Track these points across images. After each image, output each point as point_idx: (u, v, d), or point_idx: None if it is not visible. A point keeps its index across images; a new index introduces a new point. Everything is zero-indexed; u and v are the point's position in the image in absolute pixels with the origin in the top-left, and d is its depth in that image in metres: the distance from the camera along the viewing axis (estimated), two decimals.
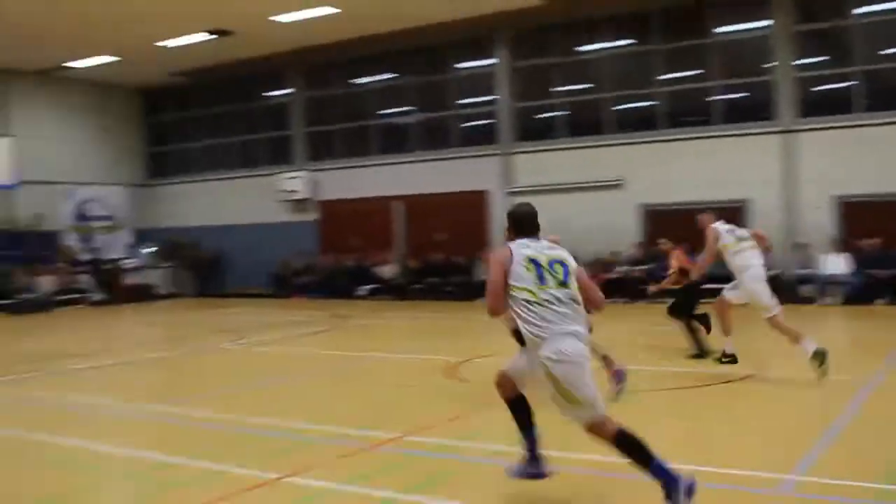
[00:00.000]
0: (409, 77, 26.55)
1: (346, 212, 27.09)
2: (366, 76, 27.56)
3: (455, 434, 8.09)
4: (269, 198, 28.40)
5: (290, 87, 28.91)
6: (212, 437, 8.33)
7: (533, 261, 5.59)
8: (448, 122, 25.99)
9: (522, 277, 5.52)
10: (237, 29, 23.52)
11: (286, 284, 27.06)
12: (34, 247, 27.28)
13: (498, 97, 24.75)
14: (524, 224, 5.90)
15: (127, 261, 29.42)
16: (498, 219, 24.23)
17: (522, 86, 24.54)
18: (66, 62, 27.08)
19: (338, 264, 26.44)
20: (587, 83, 23.91)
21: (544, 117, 24.41)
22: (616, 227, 22.29)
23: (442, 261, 24.45)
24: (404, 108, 26.93)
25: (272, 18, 22.39)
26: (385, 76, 27.25)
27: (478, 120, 25.73)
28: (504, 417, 6.21)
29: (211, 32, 23.88)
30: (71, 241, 29.09)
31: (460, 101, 25.78)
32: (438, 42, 25.21)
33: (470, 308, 20.92)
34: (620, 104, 23.23)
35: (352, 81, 27.94)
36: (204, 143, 31.24)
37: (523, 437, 6.02)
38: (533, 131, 24.58)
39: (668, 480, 5.22)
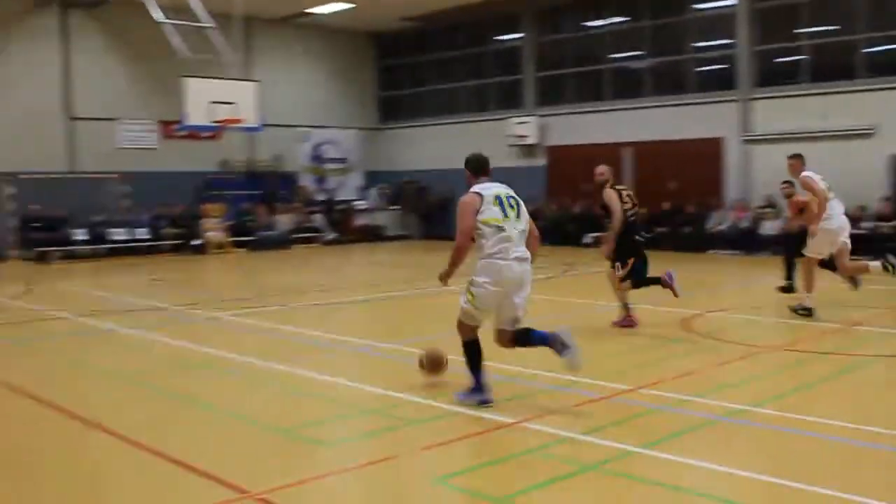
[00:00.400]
0: (642, 20, 25.72)
1: (574, 157, 26.72)
2: (598, 19, 26.93)
3: (691, 389, 7.78)
4: (499, 142, 28.41)
5: (522, 32, 28.71)
6: (439, 381, 8.38)
7: (497, 197, 7.17)
8: (683, 66, 25.02)
9: (492, 212, 7.06)
10: None
11: None
12: (274, 187, 28.69)
13: (736, 40, 23.56)
14: (482, 167, 7.57)
15: (358, 202, 30.42)
16: (733, 168, 23.24)
17: (763, 28, 23.23)
18: (306, 9, 28.05)
19: (565, 211, 26.21)
20: (835, 24, 22.32)
21: (786, 61, 23.02)
22: (863, 179, 20.78)
23: (672, 210, 23.69)
24: (637, 52, 26.16)
25: None
26: (618, 19, 26.52)
27: (714, 64, 24.61)
28: (741, 375, 5.89)
29: None
30: (307, 182, 30.33)
31: (696, 45, 24.72)
32: None
33: (701, 259, 20.28)
34: (874, 46, 21.55)
35: (584, 24, 27.40)
36: (435, 87, 31.64)
37: (474, 373, 7.26)
38: (773, 76, 23.26)
39: (550, 341, 7.12)
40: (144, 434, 6.54)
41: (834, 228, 11.33)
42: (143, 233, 24.40)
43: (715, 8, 24.30)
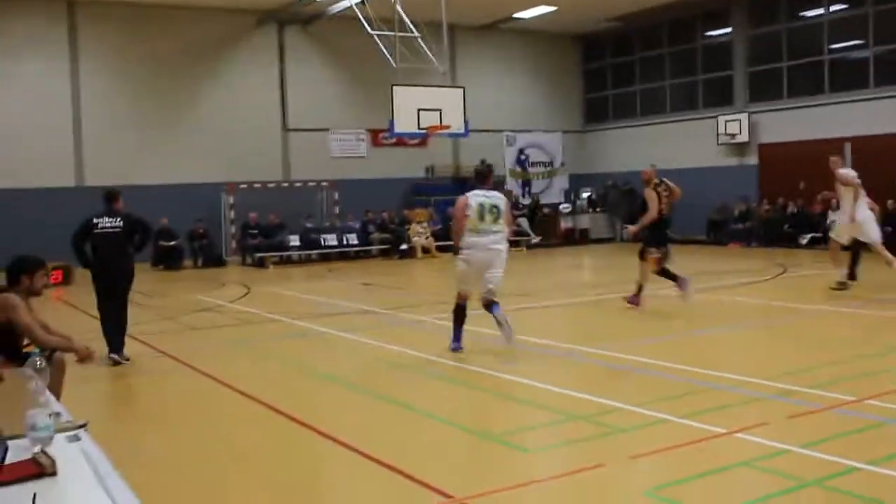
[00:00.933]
0: (864, 6, 24.16)
1: (788, 155, 25.50)
2: (815, 8, 25.53)
3: None
4: (708, 141, 27.54)
5: (731, 25, 27.68)
6: (652, 386, 8.09)
7: (480, 205, 9.63)
8: None
9: (472, 216, 9.60)
10: None
11: (723, 231, 26.18)
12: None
13: None
14: (482, 176, 10.06)
15: (563, 205, 30.18)
16: None
17: None
18: (508, 14, 28.16)
19: (778, 211, 25.01)
20: None
21: None
22: None
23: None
24: (859, 41, 24.61)
25: None
26: (837, 7, 25.05)
27: None
28: None
29: None
30: (512, 186, 30.37)
31: None
32: None
33: None
34: None
35: (800, 14, 26.06)
36: (641, 87, 31.02)
37: (454, 330, 10.02)
38: None
39: (496, 320, 9.65)
40: (356, 436, 6.60)
41: None
42: (352, 238, 25.12)
43: None
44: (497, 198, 9.77)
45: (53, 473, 2.96)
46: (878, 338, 10.39)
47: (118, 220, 10.59)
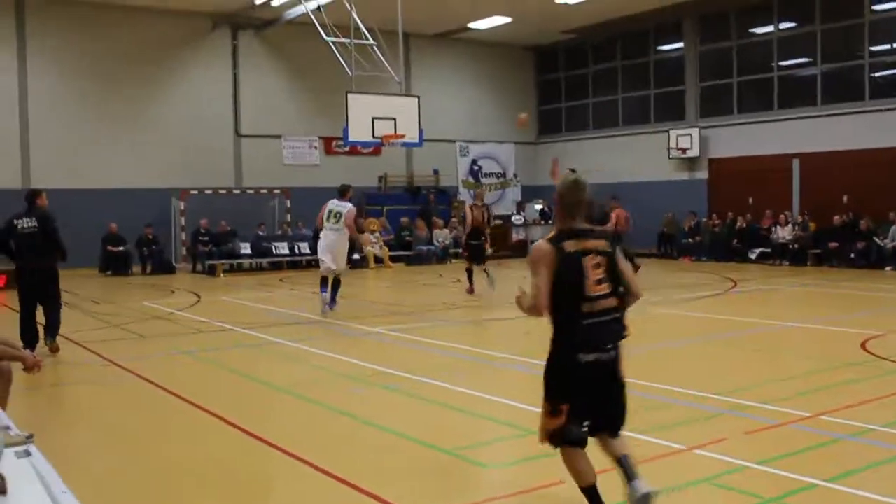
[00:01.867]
0: (812, 24, 24.54)
1: (738, 170, 25.84)
2: (764, 25, 25.90)
3: (879, 418, 7.17)
4: (660, 155, 27.79)
5: (683, 41, 27.98)
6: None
7: (329, 211, 14.28)
8: (858, 72, 23.74)
9: (324, 217, 14.36)
10: None
11: (674, 245, 26.41)
12: (431, 201, 28.80)
13: None
14: (341, 192, 14.50)
15: (515, 217, 30.23)
16: None
17: None
18: (464, 24, 28.19)
19: (728, 225, 25.29)
20: None
21: None
22: None
23: (844, 224, 22.46)
24: (807, 59, 24.99)
25: None
26: (786, 25, 25.44)
27: (893, 68, 23.27)
28: None
29: None
30: (464, 196, 30.35)
31: (874, 49, 23.40)
32: None
33: (875, 277, 19.18)
34: None
35: (750, 31, 26.39)
36: (594, 99, 31.22)
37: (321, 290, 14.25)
38: None
39: (327, 294, 14.37)
40: (306, 448, 6.50)
41: None
42: (304, 247, 24.88)
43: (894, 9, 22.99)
44: (341, 206, 14.29)
45: (3, 492, 2.83)
46: (831, 352, 10.48)
47: (34, 220, 10.88)
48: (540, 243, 4.88)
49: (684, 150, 27.22)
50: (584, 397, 4.79)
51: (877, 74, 23.49)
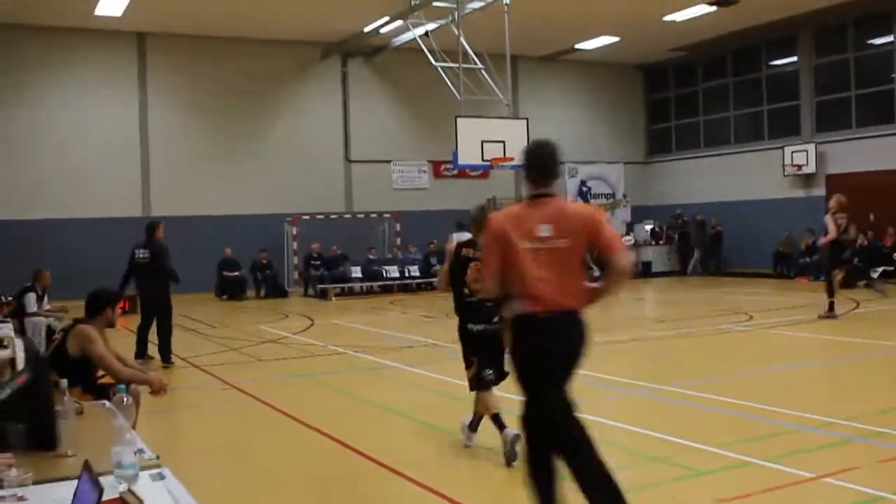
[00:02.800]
0: None
1: (857, 186, 24.94)
2: (882, 36, 25.06)
3: None
4: (774, 172, 27.13)
5: (797, 55, 27.29)
6: (731, 426, 7.85)
7: None
8: None
9: None
10: None
11: (790, 264, 25.68)
12: None
13: None
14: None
15: (626, 238, 29.83)
16: None
17: None
18: (571, 45, 28.12)
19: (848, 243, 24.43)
20: None
21: None
22: None
23: None
24: None
25: None
26: None
27: None
28: None
29: (714, 3, 23.24)
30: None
31: None
32: None
33: None
34: None
35: (868, 42, 25.59)
36: (705, 117, 30.69)
37: None
38: None
39: None
40: (426, 473, 6.49)
41: None
42: (414, 270, 25.07)
43: None
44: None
45: None
46: None
47: (148, 251, 12.51)
48: None
49: (800, 167, 26.50)
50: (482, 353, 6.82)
51: None
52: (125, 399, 4.03)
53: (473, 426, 7.21)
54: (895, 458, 6.53)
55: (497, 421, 6.74)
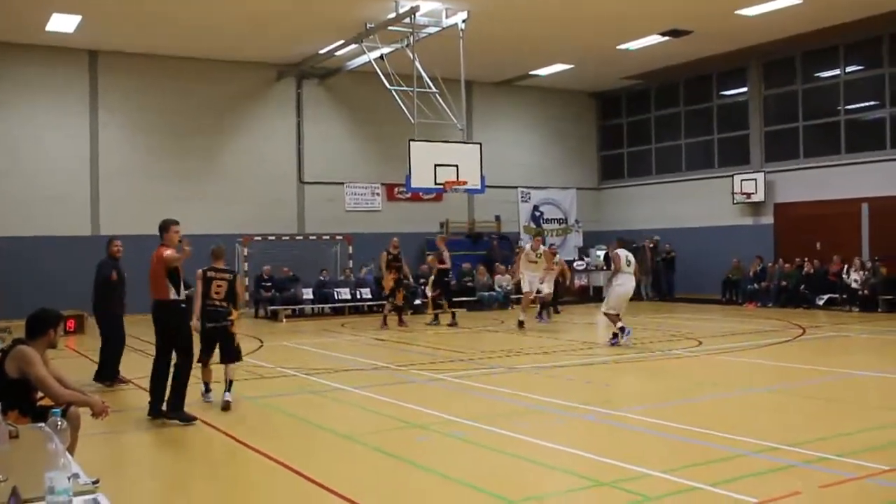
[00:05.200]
0: (880, 67, 24.19)
1: (804, 215, 25.45)
2: (831, 69, 25.60)
3: None
4: (723, 200, 27.53)
5: (748, 85, 27.76)
6: (678, 451, 7.90)
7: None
8: None
9: None
10: (698, 27, 22.95)
11: (738, 290, 26.00)
12: (493, 247, 28.77)
13: None
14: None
15: (577, 262, 30.03)
16: None
17: None
18: (526, 72, 28.37)
19: (794, 271, 24.82)
20: None
21: None
22: None
23: None
24: (875, 102, 24.63)
25: (739, 12, 21.52)
26: (853, 68, 25.12)
27: None
28: None
29: (667, 34, 23.59)
30: (526, 242, 30.26)
31: None
32: None
33: None
34: None
35: (816, 75, 26.12)
36: (657, 145, 31.07)
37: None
38: None
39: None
40: (367, 496, 6.44)
41: None
42: (366, 293, 24.99)
43: None
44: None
45: None
46: None
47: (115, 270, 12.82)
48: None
49: (749, 195, 26.91)
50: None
51: None
52: (59, 423, 3.94)
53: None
54: (836, 483, 6.60)
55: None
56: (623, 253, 16.17)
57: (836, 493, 6.40)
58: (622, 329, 15.76)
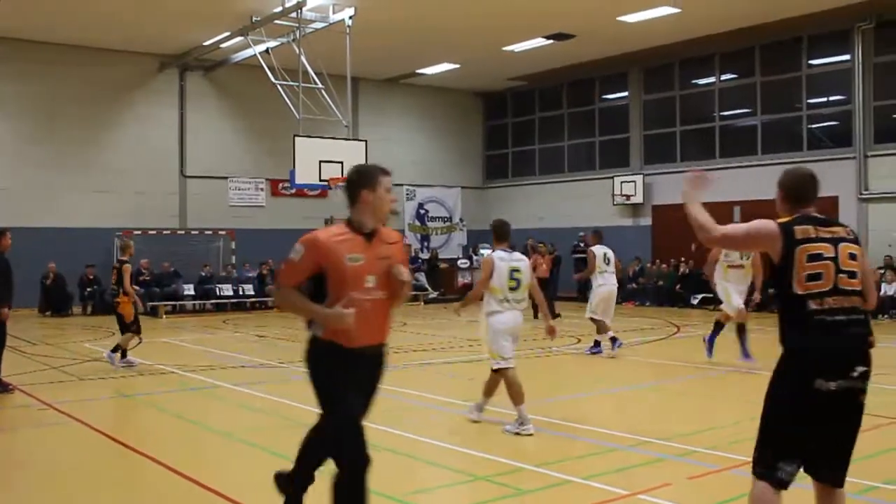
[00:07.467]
0: (753, 76, 25.19)
1: (680, 217, 25.88)
2: (707, 77, 26.52)
3: None
4: (604, 201, 28.17)
5: (628, 90, 28.49)
6: (553, 446, 8.10)
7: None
8: (795, 123, 24.40)
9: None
10: (581, 32, 23.45)
11: (618, 290, 26.56)
12: None
13: (852, 96, 22.87)
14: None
15: (461, 261, 30.33)
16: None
17: (881, 83, 22.52)
18: (412, 70, 28.47)
19: (670, 272, 25.61)
20: None
21: None
22: None
23: None
24: (747, 110, 25.64)
25: (620, 19, 22.07)
26: (727, 76, 26.08)
27: (829, 121, 23.96)
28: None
29: (551, 37, 24.03)
30: (411, 240, 30.42)
31: (810, 101, 24.08)
32: (785, 38, 23.83)
33: None
34: None
35: (693, 82, 27.02)
36: (540, 146, 31.58)
37: None
38: (891, 132, 22.53)
39: None
40: (249, 495, 6.41)
41: None
42: (248, 289, 24.72)
43: (830, 64, 23.71)
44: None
45: None
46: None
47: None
48: None
49: (628, 197, 27.61)
50: None
51: (814, 126, 24.12)
52: None
53: None
54: (704, 475, 6.88)
55: None
56: (600, 250, 14.78)
57: (704, 484, 6.67)
58: (613, 339, 14.23)
